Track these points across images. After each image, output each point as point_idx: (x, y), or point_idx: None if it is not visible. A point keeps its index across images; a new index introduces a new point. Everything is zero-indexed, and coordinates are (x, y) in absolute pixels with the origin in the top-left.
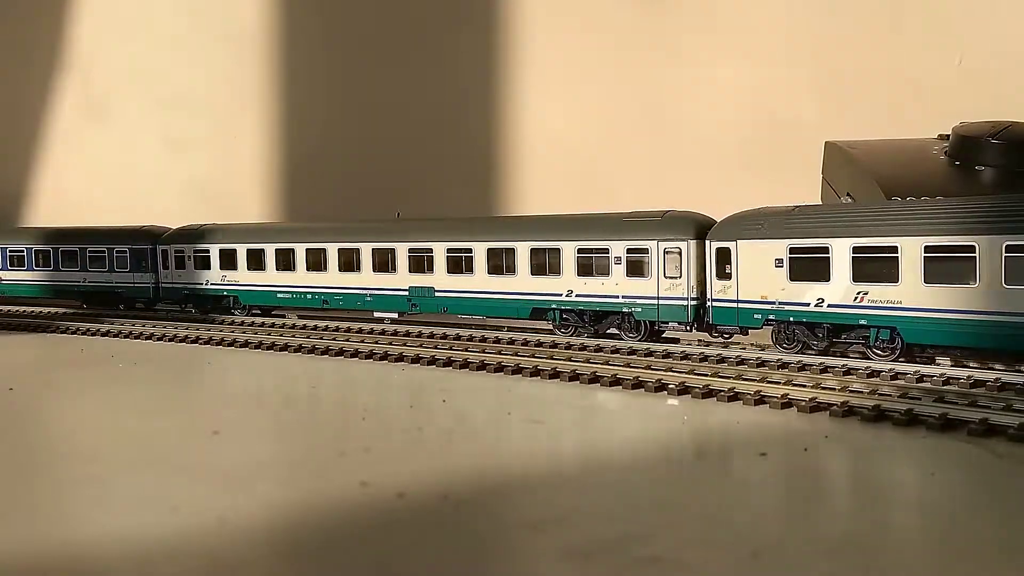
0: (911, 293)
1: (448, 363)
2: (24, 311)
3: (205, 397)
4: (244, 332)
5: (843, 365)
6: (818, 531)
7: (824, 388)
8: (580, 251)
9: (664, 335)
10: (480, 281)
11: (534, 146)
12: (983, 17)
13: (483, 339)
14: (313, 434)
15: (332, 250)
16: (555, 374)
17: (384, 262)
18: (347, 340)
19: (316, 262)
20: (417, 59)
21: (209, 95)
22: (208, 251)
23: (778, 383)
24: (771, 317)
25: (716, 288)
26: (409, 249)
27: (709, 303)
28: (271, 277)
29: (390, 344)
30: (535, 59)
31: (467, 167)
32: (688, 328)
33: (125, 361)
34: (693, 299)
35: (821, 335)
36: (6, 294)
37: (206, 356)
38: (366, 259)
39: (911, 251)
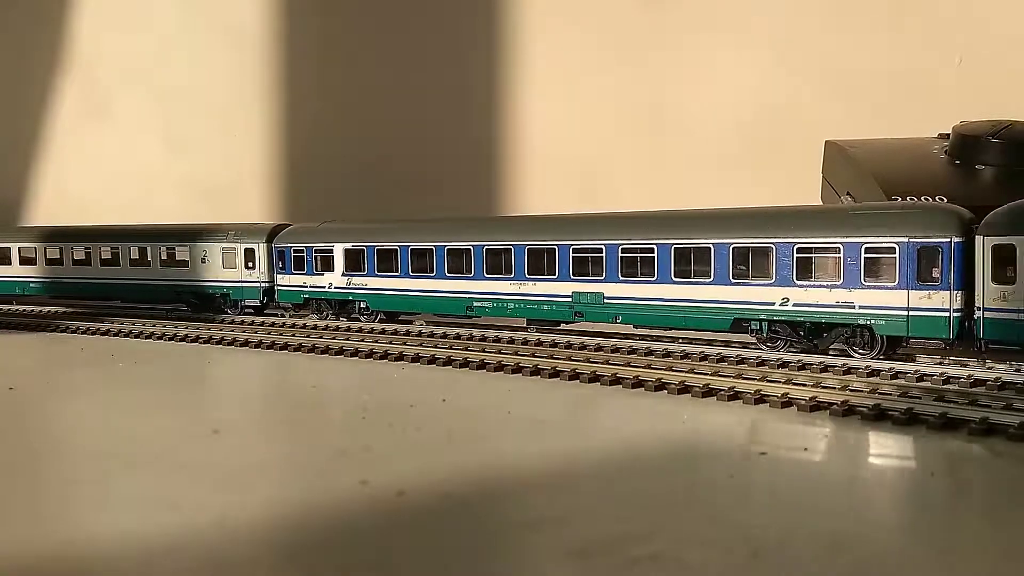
0: None
1: (448, 362)
2: (24, 310)
3: (205, 396)
4: (244, 331)
5: (843, 364)
6: (818, 530)
7: (824, 387)
8: None
9: None
10: None
11: (534, 146)
12: (983, 17)
13: (483, 339)
14: (313, 433)
15: None
16: (555, 373)
17: None
18: (347, 339)
19: None
20: (418, 58)
21: (210, 94)
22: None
23: (778, 382)
24: None
25: None
26: None
27: None
28: None
29: (390, 343)
30: (535, 59)
31: (468, 166)
32: None
33: (125, 360)
34: None
35: None
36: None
37: (206, 355)
38: None
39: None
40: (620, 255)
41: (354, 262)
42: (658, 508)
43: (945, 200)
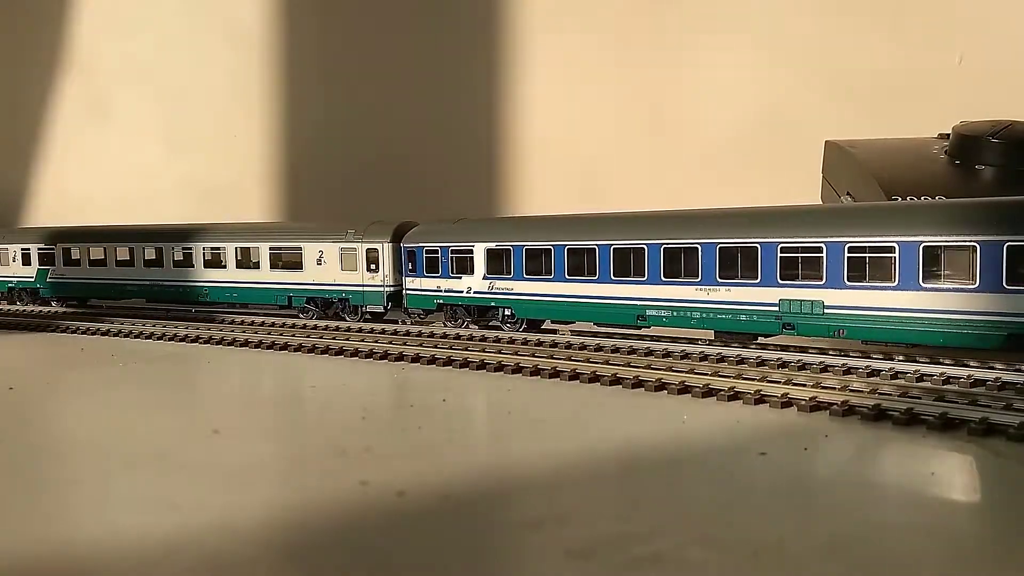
0: None
1: (448, 363)
2: (24, 310)
3: (205, 396)
4: (244, 331)
5: (843, 364)
6: (818, 530)
7: (824, 387)
8: None
9: None
10: None
11: (535, 146)
12: (983, 17)
13: (483, 339)
14: (313, 433)
15: None
16: (555, 373)
17: None
18: (347, 339)
19: None
20: (418, 58)
21: (210, 94)
22: None
23: (778, 382)
24: None
25: None
26: None
27: None
28: None
29: (390, 344)
30: (536, 59)
31: (468, 166)
32: None
33: (125, 360)
34: None
35: None
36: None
37: (206, 355)
38: None
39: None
40: (847, 255)
41: (498, 264)
42: (658, 508)
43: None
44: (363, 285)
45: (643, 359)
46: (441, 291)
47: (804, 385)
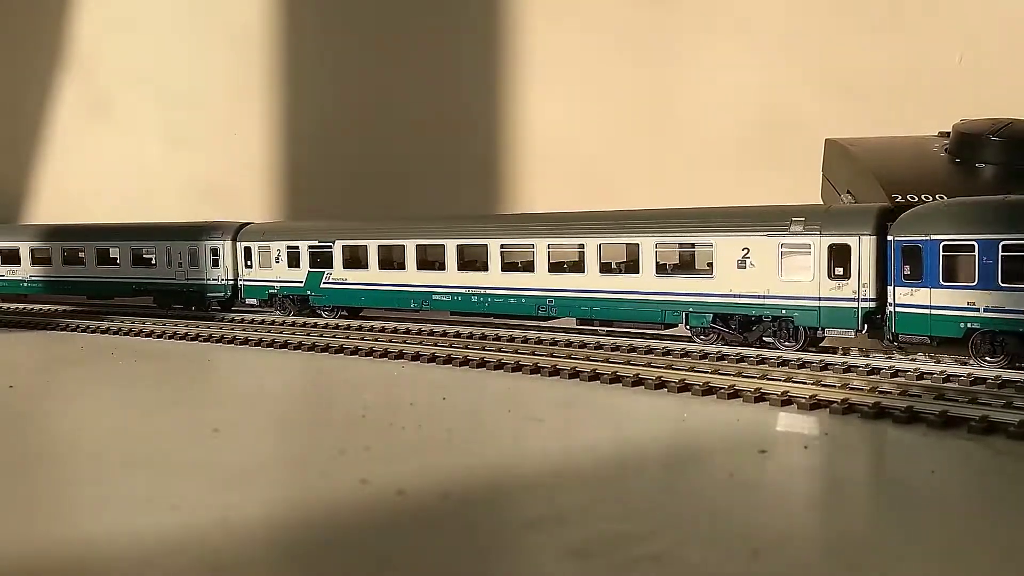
0: None
1: (448, 361)
2: (25, 308)
3: (205, 395)
4: (244, 330)
5: (843, 363)
6: (818, 529)
7: (824, 385)
8: None
9: None
10: None
11: (535, 145)
12: (983, 15)
13: (483, 337)
14: (313, 432)
15: None
16: (555, 372)
17: None
18: (347, 338)
19: None
20: (418, 57)
21: (211, 92)
22: None
23: (778, 380)
24: None
25: None
26: None
27: None
28: None
29: (390, 342)
30: (536, 58)
31: (468, 166)
32: None
33: (125, 359)
34: None
35: None
36: None
37: (206, 354)
38: None
39: None
40: None
41: None
42: (658, 507)
43: (945, 199)
44: (820, 299)
45: (643, 357)
46: (976, 310)
47: (804, 383)
